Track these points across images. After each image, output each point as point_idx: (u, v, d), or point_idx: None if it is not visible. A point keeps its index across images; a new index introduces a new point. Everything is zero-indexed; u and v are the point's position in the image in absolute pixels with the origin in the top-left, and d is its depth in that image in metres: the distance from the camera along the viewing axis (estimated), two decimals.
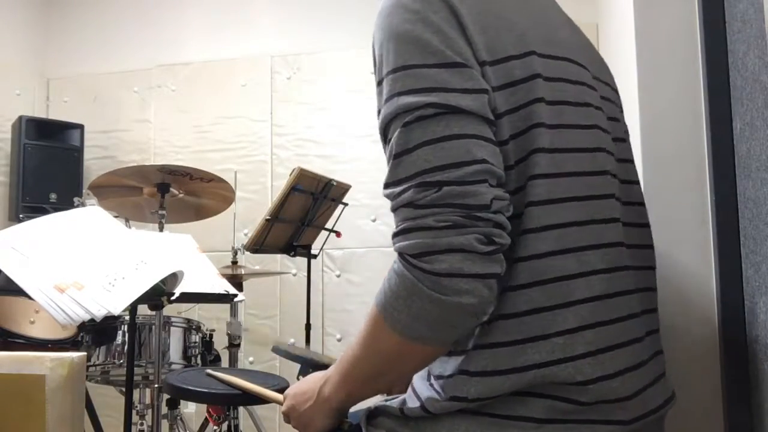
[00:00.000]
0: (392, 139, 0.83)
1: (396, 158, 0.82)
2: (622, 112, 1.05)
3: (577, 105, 0.90)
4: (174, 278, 1.52)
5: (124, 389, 2.17)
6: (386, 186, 0.84)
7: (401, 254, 0.79)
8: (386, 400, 0.97)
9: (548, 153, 0.84)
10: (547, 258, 0.83)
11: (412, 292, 0.78)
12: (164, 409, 2.29)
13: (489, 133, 0.82)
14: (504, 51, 0.85)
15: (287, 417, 1.04)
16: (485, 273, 0.77)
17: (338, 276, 3.35)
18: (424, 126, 0.80)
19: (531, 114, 0.85)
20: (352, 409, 0.99)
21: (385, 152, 0.87)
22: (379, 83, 0.87)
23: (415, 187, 0.79)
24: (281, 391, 1.78)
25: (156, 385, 2.15)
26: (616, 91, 1.05)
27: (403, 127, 0.81)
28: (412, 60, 0.83)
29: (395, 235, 0.81)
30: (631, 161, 1.01)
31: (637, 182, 1.00)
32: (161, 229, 2.51)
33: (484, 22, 0.85)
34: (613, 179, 0.91)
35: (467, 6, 0.85)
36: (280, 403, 1.10)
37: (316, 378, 0.98)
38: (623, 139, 1.00)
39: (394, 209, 0.82)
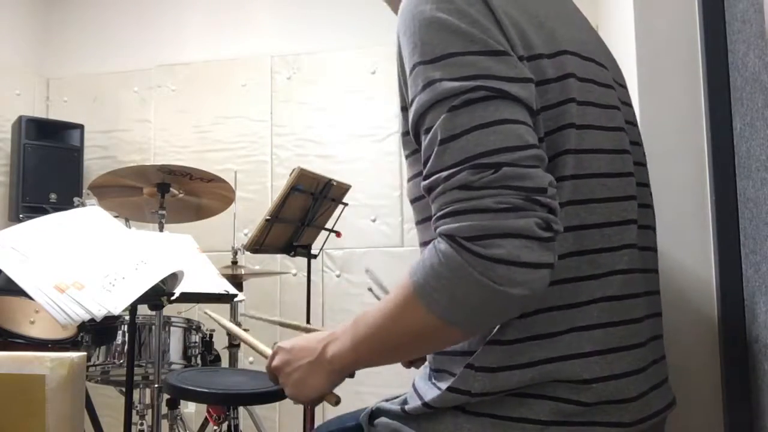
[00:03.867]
0: (435, 126, 0.77)
1: (442, 144, 0.76)
2: (635, 116, 1.05)
3: (601, 107, 0.89)
4: (174, 278, 1.52)
5: (124, 389, 2.17)
6: (430, 175, 0.78)
7: (451, 236, 0.73)
8: (386, 400, 0.97)
9: (574, 154, 0.84)
10: (564, 259, 0.83)
11: (459, 275, 0.73)
12: (164, 409, 2.29)
13: (533, 125, 0.79)
14: (536, 48, 0.84)
15: (276, 372, 0.97)
16: (542, 263, 0.73)
17: (338, 276, 3.35)
18: (471, 110, 0.76)
19: (563, 114, 0.84)
20: (352, 410, 0.99)
21: (412, 142, 0.83)
22: (411, 71, 0.82)
23: (469, 169, 0.74)
24: (281, 391, 1.79)
25: (156, 385, 2.15)
26: (628, 92, 1.05)
27: (449, 112, 0.76)
28: (453, 48, 0.79)
29: (441, 217, 0.75)
30: (643, 164, 1.01)
31: (647, 185, 1.00)
32: (161, 229, 2.51)
33: (516, 18, 0.84)
34: (633, 181, 0.91)
35: (500, 0, 0.84)
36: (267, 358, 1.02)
37: (317, 337, 0.93)
38: (639, 143, 1.00)
39: (441, 193, 0.76)
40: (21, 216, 3.33)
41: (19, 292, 1.26)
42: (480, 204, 0.73)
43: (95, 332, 2.31)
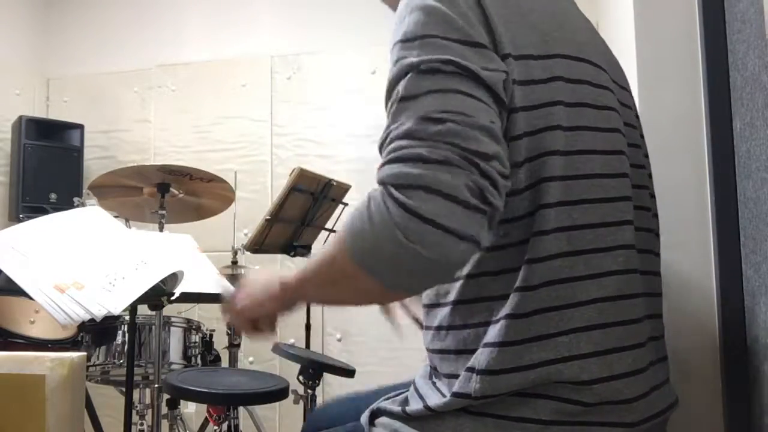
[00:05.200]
0: (400, 86, 0.79)
1: (402, 102, 0.78)
2: (638, 117, 1.04)
3: (597, 108, 0.89)
4: (174, 278, 1.52)
5: (124, 389, 2.17)
6: (384, 131, 0.79)
7: (382, 182, 0.74)
8: (386, 399, 0.97)
9: (564, 155, 0.84)
10: (557, 260, 0.83)
11: (379, 222, 0.72)
12: (164, 409, 2.29)
13: (497, 112, 0.80)
14: (525, 48, 0.84)
15: (236, 300, 1.00)
16: (463, 232, 0.71)
17: None
18: (437, 78, 0.77)
19: (548, 115, 0.84)
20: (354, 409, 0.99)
21: (387, 113, 0.83)
22: (391, 49, 0.84)
23: (416, 121, 0.75)
24: (283, 390, 1.79)
25: (156, 385, 2.15)
26: (632, 95, 1.05)
27: (416, 74, 0.78)
28: (433, 31, 0.80)
29: (381, 165, 0.76)
30: (642, 166, 1.00)
31: (646, 187, 1.00)
32: (161, 229, 2.51)
33: (508, 17, 0.85)
34: (628, 182, 0.91)
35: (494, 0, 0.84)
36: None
37: (277, 272, 0.96)
38: (638, 145, 1.00)
39: (387, 144, 0.77)
40: (21, 216, 3.33)
41: (19, 292, 1.26)
42: (415, 152, 0.73)
43: (95, 332, 2.31)
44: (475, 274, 0.86)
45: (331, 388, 3.22)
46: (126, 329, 2.25)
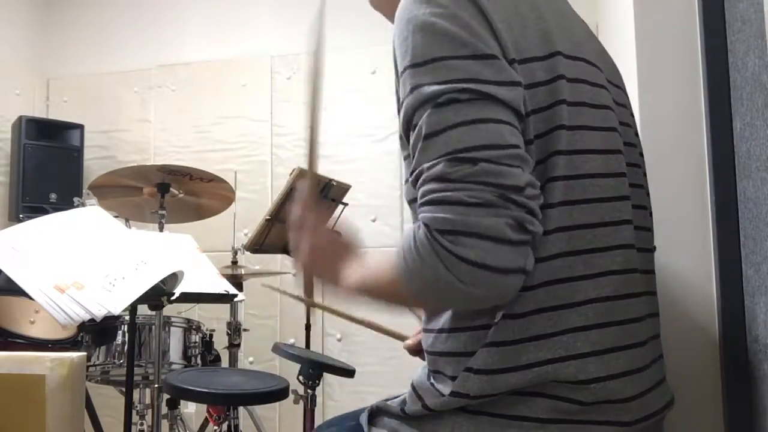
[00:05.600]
0: (420, 122, 0.79)
1: (426, 140, 0.78)
2: (633, 116, 1.04)
3: (594, 107, 0.89)
4: (174, 278, 1.52)
5: (124, 389, 2.17)
6: (414, 169, 0.80)
7: (426, 225, 0.76)
8: (386, 400, 0.97)
9: (566, 155, 0.84)
10: (557, 259, 0.83)
11: (429, 264, 0.75)
12: (164, 409, 2.29)
13: (520, 128, 0.81)
14: (528, 51, 0.84)
15: (304, 234, 1.04)
16: (510, 268, 0.75)
17: None
18: (456, 108, 0.78)
19: (553, 115, 0.84)
20: (353, 409, 0.99)
21: (407, 145, 0.84)
22: (401, 74, 0.84)
23: (447, 161, 0.76)
24: (283, 390, 1.79)
25: (156, 385, 2.15)
26: (626, 94, 1.05)
27: (434, 108, 0.78)
28: (441, 52, 0.80)
29: (422, 204, 0.77)
30: (638, 165, 1.01)
31: (641, 186, 1.00)
32: (161, 229, 2.51)
33: (510, 20, 0.84)
34: (626, 181, 0.91)
35: (493, 3, 0.84)
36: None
37: (347, 251, 0.98)
38: (633, 144, 1.00)
39: (422, 184, 0.78)
40: (21, 216, 3.33)
41: (19, 292, 1.26)
42: (453, 196, 0.74)
43: (95, 332, 2.30)
44: None
45: (331, 388, 3.22)
46: (126, 329, 2.25)
